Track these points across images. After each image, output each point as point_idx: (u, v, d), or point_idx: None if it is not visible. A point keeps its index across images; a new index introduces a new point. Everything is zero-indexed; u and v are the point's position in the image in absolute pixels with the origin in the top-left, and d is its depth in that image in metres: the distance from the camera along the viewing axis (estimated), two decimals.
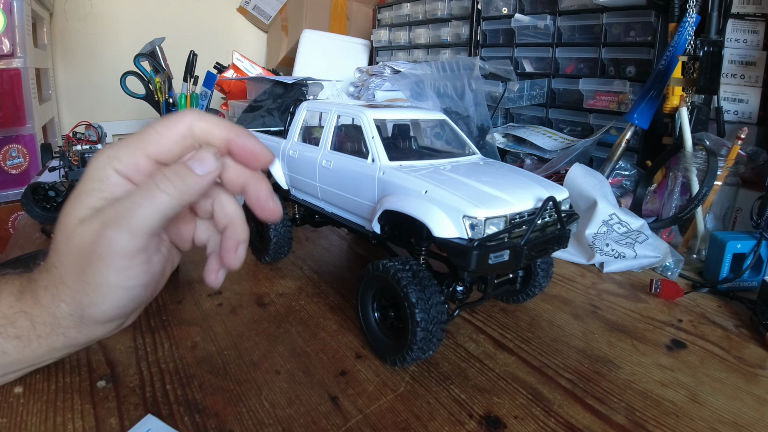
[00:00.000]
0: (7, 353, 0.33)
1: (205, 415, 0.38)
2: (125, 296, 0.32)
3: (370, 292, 0.47)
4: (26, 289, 0.33)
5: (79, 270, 0.31)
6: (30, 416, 0.37)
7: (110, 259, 0.30)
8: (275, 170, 0.64)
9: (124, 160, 0.31)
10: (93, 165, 0.31)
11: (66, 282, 0.31)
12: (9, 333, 0.32)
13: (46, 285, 0.32)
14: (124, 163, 0.31)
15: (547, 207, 0.43)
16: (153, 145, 0.31)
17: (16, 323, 0.32)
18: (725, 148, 0.71)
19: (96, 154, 0.32)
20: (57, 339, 0.33)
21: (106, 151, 0.31)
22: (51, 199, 0.79)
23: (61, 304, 0.32)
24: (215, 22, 1.94)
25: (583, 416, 0.39)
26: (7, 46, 1.16)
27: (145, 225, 0.30)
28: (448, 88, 1.01)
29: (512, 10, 1.08)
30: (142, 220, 0.30)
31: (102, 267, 0.30)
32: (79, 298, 0.31)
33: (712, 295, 0.61)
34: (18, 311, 0.32)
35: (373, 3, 1.62)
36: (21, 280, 0.34)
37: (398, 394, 0.41)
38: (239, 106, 1.30)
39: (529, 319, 0.54)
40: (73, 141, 0.88)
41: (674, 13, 0.78)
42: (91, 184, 0.31)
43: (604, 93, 0.93)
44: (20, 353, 0.33)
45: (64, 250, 0.31)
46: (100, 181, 0.31)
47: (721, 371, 0.46)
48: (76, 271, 0.31)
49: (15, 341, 0.33)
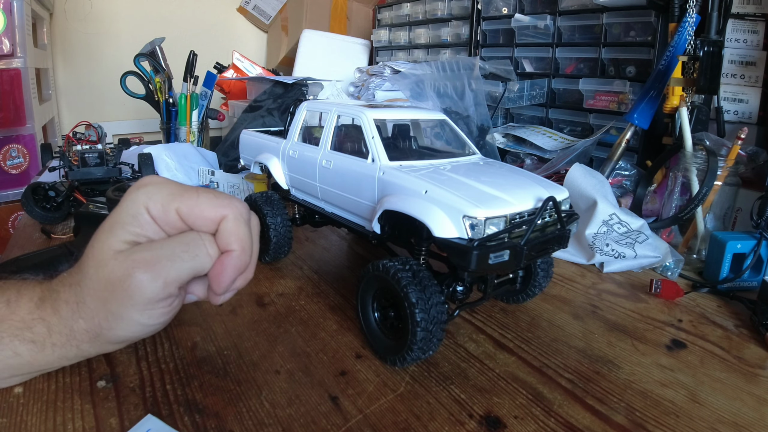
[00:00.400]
0: (21, 355, 0.34)
1: (205, 415, 0.38)
2: (144, 330, 0.34)
3: (370, 292, 0.47)
4: (47, 299, 0.34)
5: (103, 298, 0.32)
6: (30, 416, 0.37)
7: (137, 300, 0.31)
8: (275, 170, 0.64)
9: (159, 206, 0.32)
10: (129, 198, 0.33)
11: (88, 303, 0.33)
12: (25, 337, 0.34)
13: (67, 300, 0.33)
14: (157, 208, 0.32)
15: (547, 207, 0.43)
16: (187, 208, 0.32)
17: (34, 329, 0.34)
18: (725, 148, 0.71)
19: (135, 188, 0.33)
20: (70, 350, 0.34)
21: (145, 188, 0.33)
22: (51, 199, 0.79)
23: (79, 320, 0.33)
24: (215, 22, 1.94)
25: (583, 416, 0.39)
26: (7, 46, 1.16)
27: (180, 278, 0.32)
28: (448, 88, 1.01)
29: (512, 10, 1.08)
30: (178, 273, 0.31)
31: (128, 304, 0.31)
32: (98, 321, 0.33)
33: (712, 295, 0.61)
34: (37, 318, 0.34)
35: (373, 3, 1.62)
36: (42, 288, 0.35)
37: (398, 394, 0.41)
38: (239, 106, 1.30)
39: (529, 319, 0.54)
40: (73, 141, 0.88)
41: (674, 13, 0.78)
42: (126, 218, 0.32)
43: (604, 93, 0.93)
44: (33, 357, 0.34)
45: (92, 276, 0.32)
46: (134, 217, 0.32)
47: (721, 371, 0.46)
48: (101, 299, 0.32)
49: (30, 345, 0.34)
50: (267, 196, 0.64)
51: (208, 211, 0.32)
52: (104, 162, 0.83)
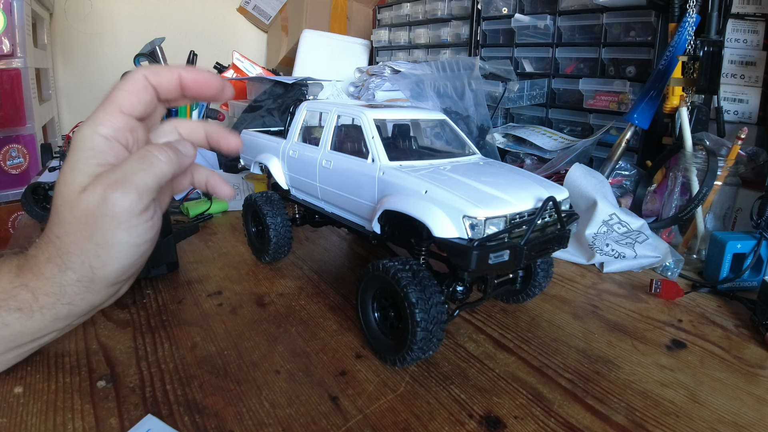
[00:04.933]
0: (9, 325, 0.34)
1: (205, 415, 0.38)
2: (135, 253, 0.35)
3: (370, 292, 0.47)
4: (25, 265, 0.35)
5: (87, 235, 0.33)
6: (30, 416, 0.37)
7: (120, 218, 0.32)
8: (275, 170, 0.64)
9: (107, 124, 0.34)
10: (80, 136, 0.34)
11: (72, 250, 0.33)
12: (10, 306, 0.34)
13: (48, 257, 0.34)
14: (107, 127, 0.34)
15: (547, 207, 0.43)
16: (123, 102, 0.35)
17: (18, 296, 0.34)
18: (725, 148, 0.71)
19: (79, 127, 0.35)
20: (61, 309, 0.35)
21: (87, 122, 0.34)
22: (51, 199, 0.79)
23: (68, 272, 0.34)
24: (215, 22, 1.94)
25: (583, 416, 0.39)
26: (7, 46, 1.16)
27: (148, 186, 0.33)
28: (448, 88, 1.01)
29: (512, 10, 1.08)
30: (144, 182, 0.33)
31: (112, 227, 0.33)
32: (89, 261, 0.33)
33: (712, 295, 0.61)
34: (18, 285, 0.34)
35: (373, 3, 1.62)
36: (19, 258, 0.36)
37: (398, 394, 0.41)
38: (239, 106, 1.30)
39: (529, 319, 0.54)
40: None
41: (674, 13, 0.78)
42: (83, 153, 0.33)
43: (604, 93, 0.93)
44: (23, 325, 0.35)
45: (68, 219, 0.33)
46: (92, 149, 0.33)
47: (721, 371, 0.46)
48: (85, 237, 0.33)
49: (17, 313, 0.34)
50: (267, 196, 0.64)
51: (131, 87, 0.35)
52: None
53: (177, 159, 0.36)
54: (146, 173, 0.33)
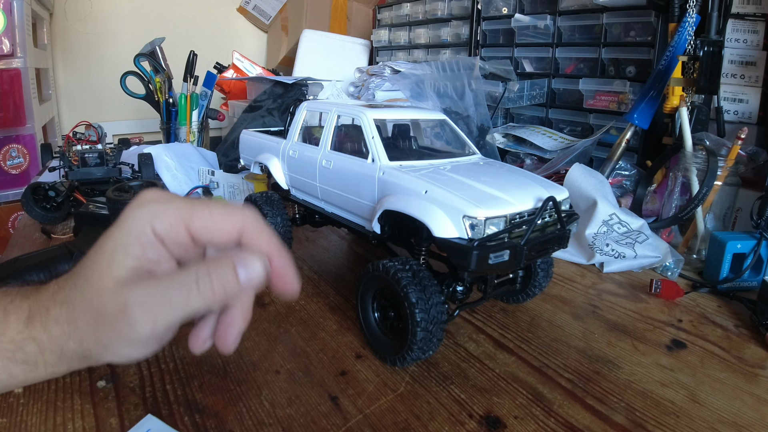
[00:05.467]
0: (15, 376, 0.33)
1: (205, 415, 0.38)
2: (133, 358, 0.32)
3: (370, 292, 0.47)
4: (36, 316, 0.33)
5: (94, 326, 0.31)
6: (30, 416, 0.37)
7: (126, 340, 0.30)
8: (275, 170, 0.64)
9: (165, 224, 0.30)
10: (133, 216, 0.30)
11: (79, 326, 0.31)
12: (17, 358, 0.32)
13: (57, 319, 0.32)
14: (164, 227, 0.30)
15: (547, 207, 0.43)
16: (199, 224, 0.30)
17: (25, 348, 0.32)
18: (725, 148, 0.71)
19: (138, 204, 0.30)
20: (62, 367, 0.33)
21: (149, 205, 0.30)
22: (51, 199, 0.79)
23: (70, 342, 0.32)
24: (215, 22, 1.94)
25: (583, 416, 0.39)
26: (7, 46, 1.16)
27: (172, 322, 0.30)
28: (448, 88, 1.01)
29: (512, 10, 1.08)
30: (170, 317, 0.30)
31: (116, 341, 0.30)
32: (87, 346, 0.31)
33: (712, 295, 0.61)
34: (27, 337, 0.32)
35: (373, 3, 1.62)
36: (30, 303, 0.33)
37: (398, 394, 0.41)
38: (239, 106, 1.30)
39: (529, 319, 0.54)
40: (73, 141, 0.88)
41: (674, 13, 0.78)
42: (129, 239, 0.30)
43: (604, 93, 0.93)
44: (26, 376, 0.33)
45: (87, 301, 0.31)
46: (138, 237, 0.30)
47: (721, 371, 0.46)
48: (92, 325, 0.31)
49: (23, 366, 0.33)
50: (267, 196, 0.64)
51: (223, 222, 0.31)
52: (104, 162, 0.83)
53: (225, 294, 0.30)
54: (177, 309, 0.30)
